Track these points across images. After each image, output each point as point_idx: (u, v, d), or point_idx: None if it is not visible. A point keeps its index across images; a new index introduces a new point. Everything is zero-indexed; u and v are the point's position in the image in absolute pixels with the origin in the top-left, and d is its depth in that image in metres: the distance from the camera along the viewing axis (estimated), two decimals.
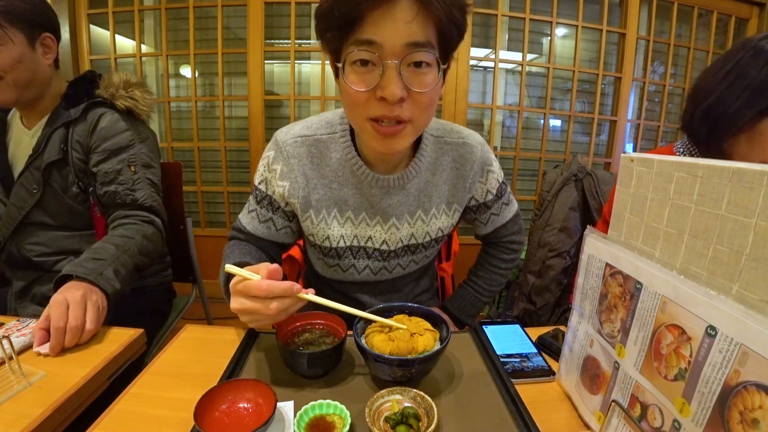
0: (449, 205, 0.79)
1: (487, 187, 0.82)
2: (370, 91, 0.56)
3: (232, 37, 2.26)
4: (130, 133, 0.97)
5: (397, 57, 0.54)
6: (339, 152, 0.73)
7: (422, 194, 0.77)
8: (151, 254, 0.95)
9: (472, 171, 0.78)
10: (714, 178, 0.37)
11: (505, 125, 2.43)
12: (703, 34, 2.43)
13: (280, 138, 0.74)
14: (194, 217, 2.37)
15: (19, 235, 0.98)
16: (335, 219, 0.76)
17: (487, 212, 0.86)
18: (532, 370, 0.62)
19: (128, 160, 0.96)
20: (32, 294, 1.00)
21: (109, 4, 2.16)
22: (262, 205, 0.77)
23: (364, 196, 0.75)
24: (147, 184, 0.98)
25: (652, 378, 0.41)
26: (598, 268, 0.51)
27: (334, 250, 0.78)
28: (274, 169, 0.74)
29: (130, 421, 0.50)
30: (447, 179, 0.78)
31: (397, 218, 0.76)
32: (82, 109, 0.94)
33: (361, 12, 0.52)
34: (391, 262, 0.82)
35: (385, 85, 0.55)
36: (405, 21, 0.53)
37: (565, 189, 1.50)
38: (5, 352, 0.56)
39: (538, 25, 2.30)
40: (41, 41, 0.91)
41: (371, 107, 0.58)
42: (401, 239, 0.78)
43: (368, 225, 0.77)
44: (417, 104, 0.58)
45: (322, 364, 0.57)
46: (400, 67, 0.54)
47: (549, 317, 1.54)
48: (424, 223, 0.78)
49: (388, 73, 0.54)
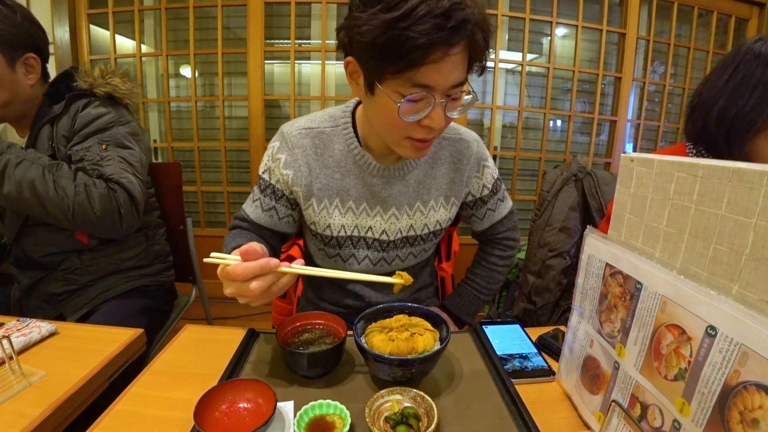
0: (447, 198, 0.83)
1: (483, 182, 0.85)
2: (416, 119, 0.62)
3: (232, 37, 2.26)
4: (110, 116, 0.95)
5: (444, 96, 0.61)
6: (342, 143, 0.77)
7: (421, 186, 0.80)
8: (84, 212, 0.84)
9: (469, 165, 0.82)
10: (714, 178, 0.37)
11: (505, 125, 2.43)
12: (703, 34, 2.43)
13: (285, 130, 0.78)
14: (194, 217, 2.37)
15: (24, 236, 0.98)
16: (337, 208, 0.79)
17: (483, 207, 0.88)
18: (532, 370, 0.62)
19: (101, 139, 0.93)
20: (38, 291, 1.01)
21: (109, 4, 2.16)
22: (265, 194, 0.80)
23: (365, 186, 0.78)
24: (117, 162, 0.92)
25: (652, 378, 0.41)
26: (598, 268, 0.51)
27: (334, 239, 0.80)
28: (278, 158, 0.77)
29: (130, 421, 0.50)
30: (445, 173, 0.81)
31: (397, 208, 0.80)
32: (64, 104, 0.93)
33: (425, 60, 0.55)
34: (390, 253, 0.84)
35: (434, 118, 0.61)
36: (457, 66, 0.58)
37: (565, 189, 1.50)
38: (5, 352, 0.56)
39: (538, 25, 2.30)
40: (23, 61, 0.90)
41: (413, 131, 0.64)
42: (400, 230, 0.81)
43: (369, 215, 0.80)
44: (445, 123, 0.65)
45: (322, 364, 0.57)
46: (446, 104, 0.62)
47: (549, 317, 1.54)
48: (422, 214, 0.81)
49: (437, 109, 0.61)
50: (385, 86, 0.60)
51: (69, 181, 0.85)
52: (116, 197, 0.89)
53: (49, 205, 0.83)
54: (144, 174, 0.99)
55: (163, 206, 1.22)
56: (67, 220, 0.85)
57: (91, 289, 1.00)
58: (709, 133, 0.78)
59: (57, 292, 0.99)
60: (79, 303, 0.99)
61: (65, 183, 0.84)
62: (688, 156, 0.84)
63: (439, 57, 0.55)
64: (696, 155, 0.84)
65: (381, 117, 0.66)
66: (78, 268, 0.99)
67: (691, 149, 0.84)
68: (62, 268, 0.99)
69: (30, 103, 0.94)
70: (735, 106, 0.73)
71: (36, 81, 0.93)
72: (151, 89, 2.35)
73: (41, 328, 0.68)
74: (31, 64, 0.92)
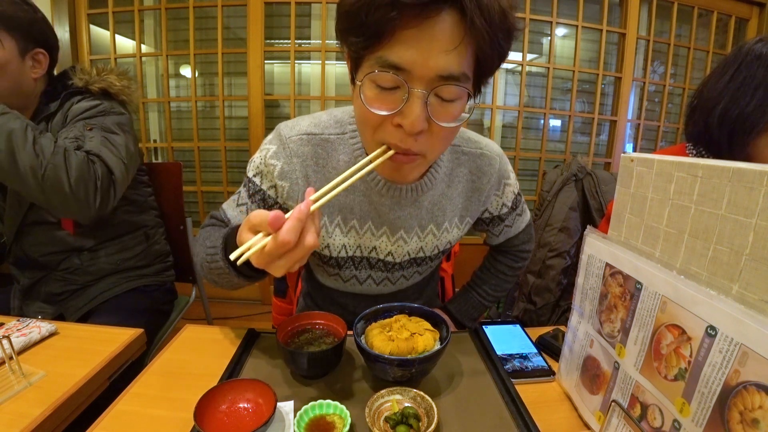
0: (462, 218, 0.75)
1: (503, 201, 0.78)
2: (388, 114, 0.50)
3: (232, 37, 2.26)
4: (101, 106, 0.95)
5: (426, 87, 0.47)
6: (347, 154, 0.66)
7: (436, 207, 0.71)
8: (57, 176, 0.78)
9: (489, 184, 0.73)
10: (714, 178, 0.37)
11: (505, 125, 2.43)
12: (703, 34, 2.43)
13: (284, 132, 0.66)
14: (194, 217, 2.37)
15: (23, 236, 0.98)
16: (338, 227, 0.70)
17: (501, 224, 0.82)
18: (532, 370, 0.62)
19: (87, 123, 0.91)
20: (38, 291, 1.01)
21: (109, 4, 2.16)
22: (253, 200, 0.69)
23: (371, 205, 0.68)
24: (100, 140, 0.88)
25: (652, 378, 0.41)
26: (598, 268, 0.51)
27: (334, 259, 0.73)
28: (272, 164, 0.67)
29: (130, 421, 0.50)
30: (462, 192, 0.73)
31: (406, 231, 0.71)
32: (60, 102, 0.94)
33: (392, 27, 0.45)
34: (395, 274, 0.78)
35: (407, 114, 0.48)
36: (443, 45, 0.45)
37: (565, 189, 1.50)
38: (5, 352, 0.56)
39: (538, 25, 2.30)
40: (33, 55, 0.91)
41: (385, 132, 0.52)
42: (408, 252, 0.73)
43: (374, 235, 0.71)
44: (435, 137, 0.52)
45: (322, 364, 0.57)
46: (427, 98, 0.48)
47: (549, 317, 1.54)
48: (435, 237, 0.73)
49: (413, 102, 0.47)
50: (360, 72, 0.50)
51: (50, 142, 0.80)
52: (95, 168, 0.84)
53: (21, 160, 0.76)
54: (130, 162, 0.94)
55: (163, 206, 1.22)
56: (36, 182, 0.77)
57: (91, 289, 1.00)
58: (711, 133, 0.78)
59: (57, 292, 0.99)
60: (79, 303, 0.99)
61: (45, 142, 0.79)
62: (688, 156, 0.84)
63: (412, 26, 0.44)
64: (696, 155, 0.84)
65: (356, 112, 0.56)
66: (78, 268, 0.99)
67: (691, 150, 0.84)
68: (62, 268, 0.99)
69: (29, 99, 0.94)
70: (737, 107, 0.73)
71: (40, 76, 0.94)
72: (151, 89, 2.35)
73: (41, 328, 0.68)
74: (39, 60, 0.93)
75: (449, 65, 0.46)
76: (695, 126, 0.81)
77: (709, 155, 0.81)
